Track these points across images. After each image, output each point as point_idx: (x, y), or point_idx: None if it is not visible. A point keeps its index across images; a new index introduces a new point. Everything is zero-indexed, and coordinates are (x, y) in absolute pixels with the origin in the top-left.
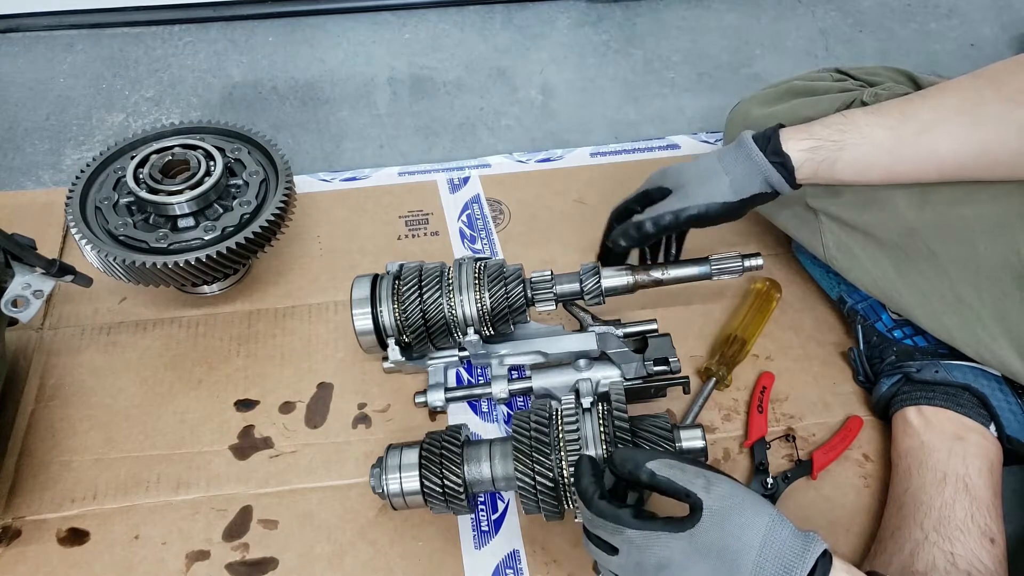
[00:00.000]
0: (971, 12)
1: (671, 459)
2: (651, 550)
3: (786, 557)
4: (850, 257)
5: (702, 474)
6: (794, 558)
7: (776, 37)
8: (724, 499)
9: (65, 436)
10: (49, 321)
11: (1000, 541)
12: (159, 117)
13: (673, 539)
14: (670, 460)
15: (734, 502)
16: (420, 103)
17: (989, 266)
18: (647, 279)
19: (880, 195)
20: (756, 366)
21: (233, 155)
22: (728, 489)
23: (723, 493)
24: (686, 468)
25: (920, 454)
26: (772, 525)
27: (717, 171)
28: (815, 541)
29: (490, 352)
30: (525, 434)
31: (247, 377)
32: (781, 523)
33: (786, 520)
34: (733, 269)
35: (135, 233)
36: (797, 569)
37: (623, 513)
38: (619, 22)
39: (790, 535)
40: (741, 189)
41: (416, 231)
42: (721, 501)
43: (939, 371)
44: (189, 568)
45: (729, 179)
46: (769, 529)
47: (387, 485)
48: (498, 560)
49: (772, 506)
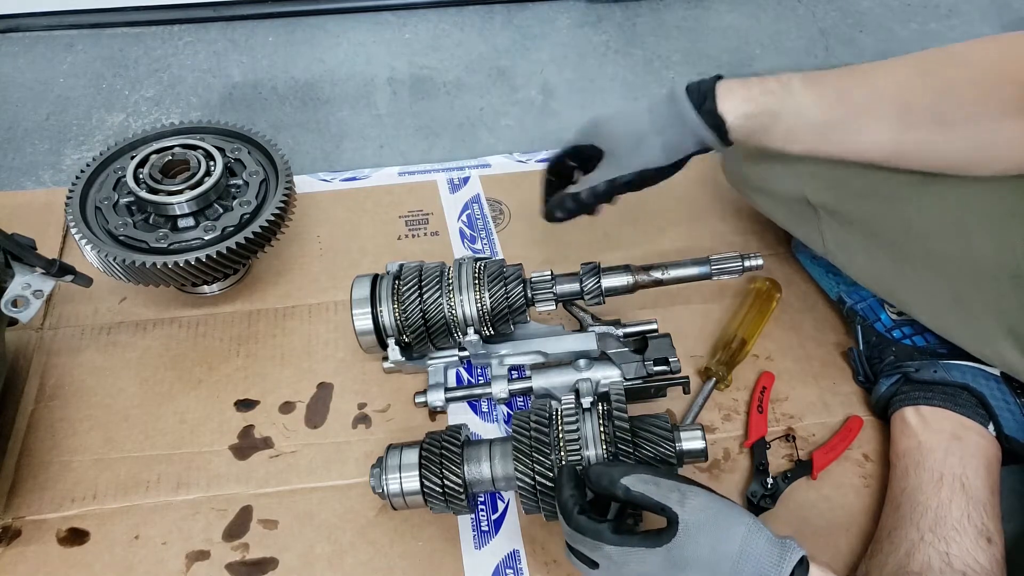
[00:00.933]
0: (971, 12)
1: (647, 473)
2: (630, 565)
3: (763, 566)
4: (849, 253)
5: (676, 487)
6: (771, 567)
7: (776, 37)
8: (699, 512)
9: (65, 436)
10: (49, 321)
11: (998, 540)
12: (159, 117)
13: (650, 554)
14: (645, 475)
15: (709, 514)
16: (420, 103)
17: (987, 263)
18: (647, 279)
19: (880, 191)
20: (756, 366)
21: (233, 155)
22: (703, 501)
23: (698, 506)
24: (660, 483)
25: (917, 454)
26: (748, 535)
27: (649, 133)
28: (792, 549)
29: (490, 352)
30: (525, 434)
31: (247, 377)
32: (758, 532)
33: (763, 528)
34: (733, 269)
35: (135, 233)
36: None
37: (602, 528)
38: (619, 22)
39: (766, 543)
40: (673, 152)
41: (416, 231)
42: (696, 514)
43: (938, 371)
44: (189, 568)
45: (661, 140)
46: (745, 539)
47: (387, 485)
48: (498, 560)
49: (749, 515)
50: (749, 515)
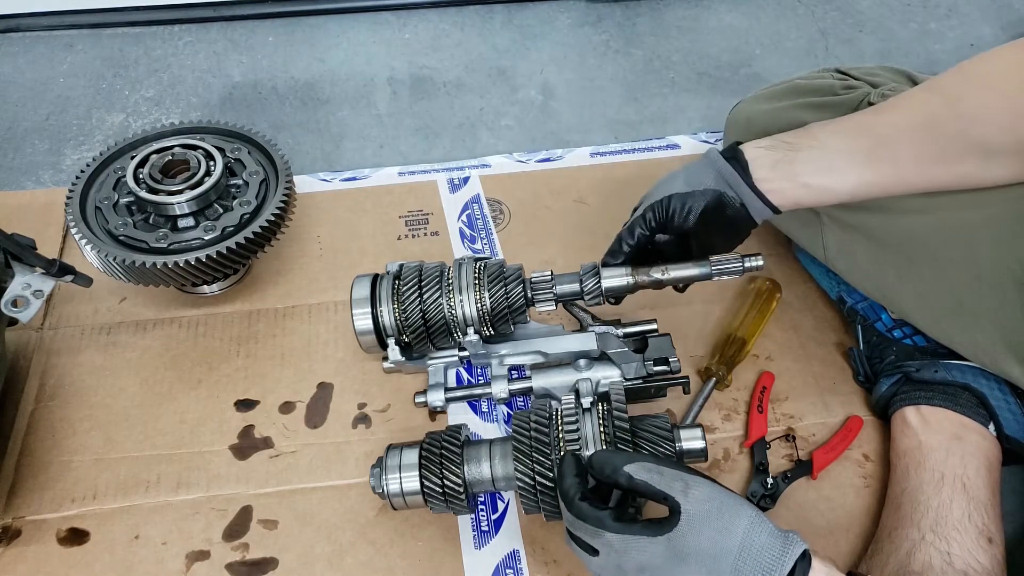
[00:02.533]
0: (971, 12)
1: (650, 462)
2: (630, 553)
3: (765, 560)
4: (851, 259)
5: (680, 477)
6: (773, 561)
7: (776, 37)
8: (702, 503)
9: (65, 436)
10: (49, 321)
11: (998, 540)
12: (159, 117)
13: (652, 543)
14: (648, 463)
15: (712, 506)
16: (420, 103)
17: (990, 272)
18: (647, 279)
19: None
20: (756, 366)
21: (233, 155)
22: (707, 492)
23: (701, 496)
24: (664, 471)
25: (918, 454)
26: (751, 527)
27: (676, 173)
28: (794, 542)
29: (490, 352)
30: (525, 434)
31: (247, 377)
32: (760, 525)
33: (766, 521)
34: (733, 269)
35: (135, 233)
36: (776, 571)
37: (603, 515)
38: (619, 22)
39: (769, 537)
40: (693, 182)
41: (416, 231)
42: (699, 505)
43: (938, 370)
44: (189, 568)
45: (684, 175)
46: (747, 532)
47: (387, 485)
48: (498, 560)
49: (752, 507)
50: (752, 507)
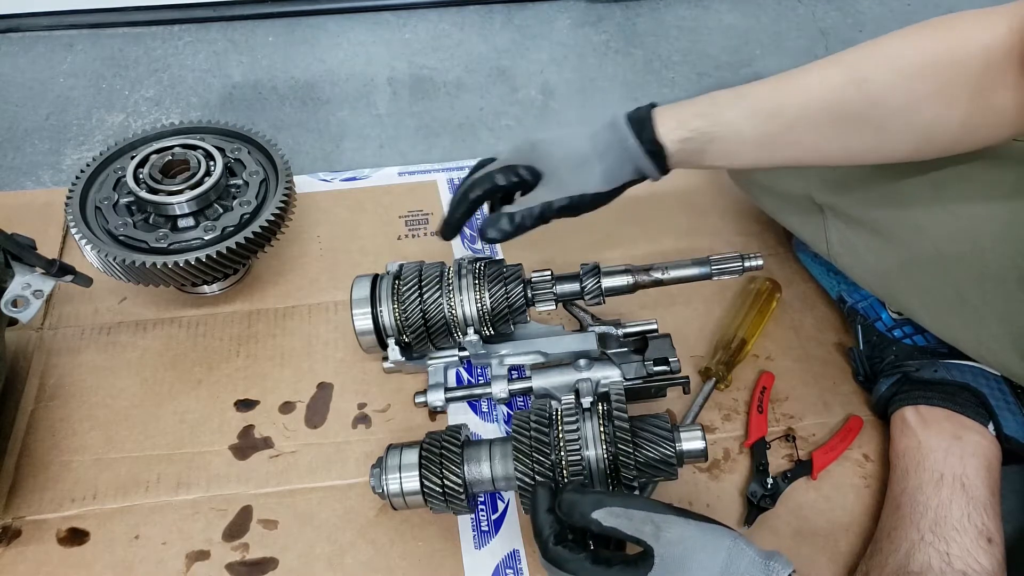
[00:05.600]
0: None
1: (618, 505)
2: None
3: None
4: (854, 254)
5: (650, 519)
6: None
7: (776, 37)
8: (674, 545)
9: (65, 436)
10: (49, 321)
11: (998, 540)
12: (159, 117)
13: None
14: (616, 508)
15: (685, 547)
16: (420, 103)
17: (995, 267)
18: (647, 279)
19: (889, 195)
20: (756, 366)
21: (233, 155)
22: (678, 533)
23: (673, 539)
24: (633, 515)
25: (917, 454)
26: (730, 560)
27: (590, 158)
28: (775, 570)
29: (490, 352)
30: (525, 434)
31: (247, 377)
32: (739, 555)
33: (745, 549)
34: (733, 269)
35: (135, 233)
36: None
37: (580, 560)
38: (619, 22)
39: (749, 566)
40: (613, 178)
41: (416, 231)
42: (671, 548)
43: (938, 370)
44: (189, 568)
45: (601, 168)
46: (727, 565)
47: (387, 485)
48: (498, 560)
49: (730, 535)
50: (731, 536)
